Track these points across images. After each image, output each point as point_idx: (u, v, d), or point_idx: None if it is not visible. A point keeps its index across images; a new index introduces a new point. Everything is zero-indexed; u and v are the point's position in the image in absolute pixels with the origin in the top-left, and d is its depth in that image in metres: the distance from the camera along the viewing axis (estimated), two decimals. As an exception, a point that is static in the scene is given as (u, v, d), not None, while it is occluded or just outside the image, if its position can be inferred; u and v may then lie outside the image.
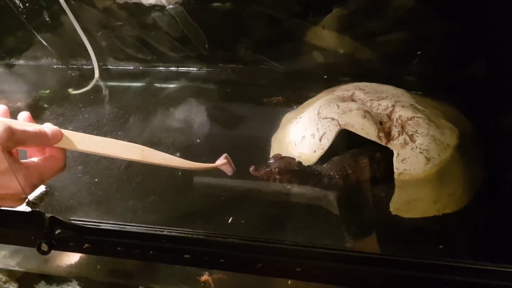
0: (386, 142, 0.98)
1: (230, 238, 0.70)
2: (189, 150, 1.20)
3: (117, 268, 1.01)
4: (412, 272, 0.63)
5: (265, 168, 0.96)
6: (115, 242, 0.74)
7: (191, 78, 1.54)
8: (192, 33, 1.45)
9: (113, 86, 1.57)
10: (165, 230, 0.72)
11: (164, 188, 1.07)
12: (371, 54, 1.37)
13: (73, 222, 0.74)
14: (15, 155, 0.77)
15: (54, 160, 0.79)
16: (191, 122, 1.33)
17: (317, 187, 1.00)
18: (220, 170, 0.94)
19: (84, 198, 1.05)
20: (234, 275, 0.98)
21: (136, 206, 1.01)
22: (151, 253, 0.74)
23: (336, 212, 0.97)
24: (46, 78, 1.61)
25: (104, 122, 1.34)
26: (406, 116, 1.01)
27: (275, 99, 1.38)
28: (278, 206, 1.00)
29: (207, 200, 1.03)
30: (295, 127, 1.14)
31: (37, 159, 0.79)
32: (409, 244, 0.89)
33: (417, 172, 0.95)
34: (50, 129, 0.77)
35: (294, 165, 0.98)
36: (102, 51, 1.58)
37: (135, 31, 1.51)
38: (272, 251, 0.68)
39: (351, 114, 1.02)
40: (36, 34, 1.56)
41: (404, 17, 1.30)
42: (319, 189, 1.00)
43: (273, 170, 0.96)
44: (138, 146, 0.82)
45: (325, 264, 0.64)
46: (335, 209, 0.98)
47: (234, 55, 1.50)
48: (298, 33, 1.40)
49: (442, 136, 0.99)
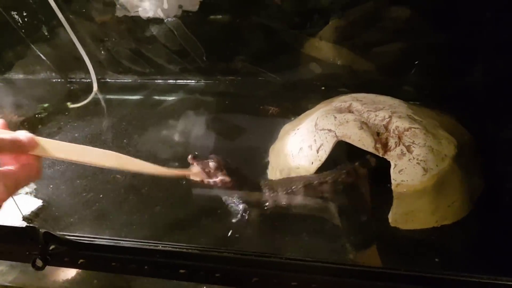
0: (383, 153, 0.97)
1: (225, 252, 0.69)
2: (187, 162, 1.19)
3: (115, 282, 1.01)
4: (410, 286, 0.62)
5: (202, 160, 0.93)
6: (110, 257, 0.74)
7: (189, 91, 1.55)
8: (190, 45, 1.46)
9: (111, 99, 1.58)
10: (159, 245, 0.71)
11: (162, 201, 1.07)
12: (368, 64, 1.38)
13: (67, 238, 0.73)
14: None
15: (30, 168, 0.78)
16: (189, 134, 1.33)
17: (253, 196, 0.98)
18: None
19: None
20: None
21: (132, 220, 1.01)
22: (146, 268, 0.73)
23: (332, 224, 0.97)
24: (45, 92, 1.62)
25: (103, 135, 1.34)
26: (403, 127, 1.00)
27: (271, 109, 1.38)
28: (275, 219, 1.00)
29: (203, 213, 1.03)
30: (293, 139, 1.14)
31: (12, 166, 0.78)
32: (408, 257, 0.88)
33: (415, 183, 0.95)
34: (26, 136, 0.77)
35: (230, 164, 0.95)
36: (101, 64, 1.59)
37: (133, 44, 1.52)
38: (267, 265, 0.67)
39: (348, 126, 1.01)
40: (35, 49, 1.57)
41: (401, 27, 1.31)
42: (317, 201, 0.99)
43: (209, 163, 0.92)
44: (114, 153, 0.81)
45: (321, 278, 0.64)
46: (331, 220, 0.98)
47: (232, 67, 1.51)
48: (296, 45, 1.41)
49: (439, 146, 0.99)
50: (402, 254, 0.90)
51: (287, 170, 1.09)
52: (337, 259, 0.86)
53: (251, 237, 0.95)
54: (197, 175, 0.93)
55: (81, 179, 1.16)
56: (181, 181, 1.08)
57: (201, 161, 0.93)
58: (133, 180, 1.13)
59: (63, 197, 1.10)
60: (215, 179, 0.93)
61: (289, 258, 0.66)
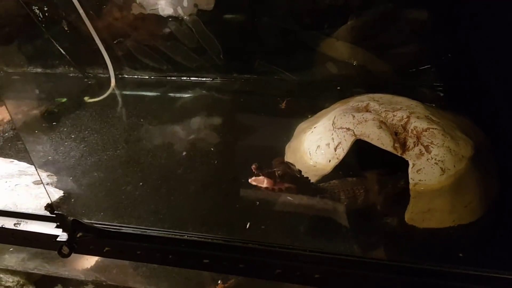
0: (402, 152, 0.99)
1: (250, 243, 0.71)
2: (202, 158, 1.21)
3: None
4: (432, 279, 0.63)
5: (267, 169, 0.93)
6: (135, 245, 0.75)
7: (205, 88, 1.56)
8: (207, 43, 1.47)
9: (128, 95, 1.60)
10: (185, 235, 0.73)
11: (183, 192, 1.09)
12: (384, 65, 1.39)
13: (94, 225, 0.75)
14: None
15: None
16: (205, 131, 1.34)
17: (314, 202, 0.99)
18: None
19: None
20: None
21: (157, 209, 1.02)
22: (171, 257, 0.75)
23: (348, 224, 0.98)
24: (62, 86, 1.64)
25: (119, 130, 1.36)
26: (421, 127, 1.01)
27: (282, 103, 1.41)
28: (297, 216, 1.00)
29: (224, 207, 1.04)
30: (310, 137, 1.15)
31: None
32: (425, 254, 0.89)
33: (432, 183, 0.96)
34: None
35: (295, 171, 0.96)
36: (118, 60, 1.60)
37: (152, 41, 1.54)
38: (291, 257, 0.68)
39: (366, 124, 1.03)
40: (55, 43, 1.58)
41: (418, 29, 1.31)
42: (332, 201, 1.00)
43: (275, 173, 0.92)
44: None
45: (345, 271, 0.65)
46: (345, 221, 0.99)
47: (249, 65, 1.52)
48: (312, 44, 1.42)
49: (457, 147, 1.00)
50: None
51: (304, 167, 1.10)
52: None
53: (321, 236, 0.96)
54: (261, 182, 0.93)
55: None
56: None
57: (267, 171, 0.92)
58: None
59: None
60: (280, 187, 0.93)
61: (313, 251, 0.67)
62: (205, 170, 1.15)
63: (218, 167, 1.13)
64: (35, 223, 0.81)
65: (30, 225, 0.81)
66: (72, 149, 1.27)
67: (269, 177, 0.92)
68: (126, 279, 1.00)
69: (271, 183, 0.92)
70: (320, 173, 1.06)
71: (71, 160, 1.22)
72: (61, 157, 1.24)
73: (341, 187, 1.01)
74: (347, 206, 1.00)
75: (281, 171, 0.93)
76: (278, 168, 0.93)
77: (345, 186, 1.01)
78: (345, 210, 0.99)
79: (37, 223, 0.81)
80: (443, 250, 0.90)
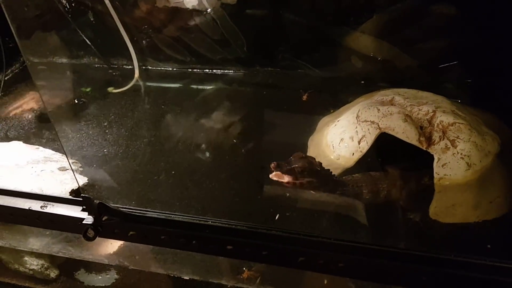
0: (427, 146, 0.98)
1: (273, 230, 0.71)
2: (225, 150, 1.22)
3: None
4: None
5: (286, 166, 0.93)
6: (160, 230, 0.76)
7: (228, 80, 1.56)
8: (232, 36, 1.47)
9: (151, 86, 1.61)
10: (209, 220, 0.73)
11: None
12: (410, 60, 1.37)
13: (120, 209, 0.76)
14: None
15: None
16: (227, 123, 1.34)
17: (337, 195, 0.98)
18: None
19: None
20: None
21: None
22: (194, 242, 0.75)
23: (370, 218, 0.97)
24: (87, 77, 1.66)
25: (142, 121, 1.37)
26: (448, 122, 1.00)
27: (304, 95, 1.41)
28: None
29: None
30: (333, 130, 1.14)
31: None
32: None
33: (458, 178, 0.95)
34: None
35: (316, 165, 0.95)
36: (142, 52, 1.62)
37: (176, 33, 1.55)
38: (315, 245, 0.68)
39: (391, 118, 1.02)
40: (81, 33, 1.60)
41: (444, 25, 1.30)
42: (354, 195, 1.00)
43: (295, 169, 0.92)
44: None
45: (370, 261, 0.65)
46: (367, 214, 0.98)
47: (272, 58, 1.52)
48: (337, 38, 1.41)
49: (483, 142, 0.98)
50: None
51: (327, 161, 1.10)
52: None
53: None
54: (281, 178, 0.93)
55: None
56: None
57: (286, 169, 0.93)
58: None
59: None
60: (301, 181, 0.93)
61: (337, 239, 0.67)
62: (228, 161, 1.16)
63: (241, 158, 1.14)
64: (62, 206, 0.82)
65: (56, 208, 0.82)
66: (96, 137, 1.29)
67: (289, 174, 0.92)
68: (149, 264, 1.01)
69: (291, 178, 0.92)
70: (343, 166, 1.06)
71: (96, 148, 1.23)
72: (85, 144, 1.26)
73: (364, 181, 1.00)
74: (369, 200, 0.99)
75: (300, 167, 0.93)
76: (297, 164, 0.93)
77: (368, 181, 1.00)
78: (367, 204, 0.99)
79: (63, 206, 0.82)
80: (469, 243, 0.89)
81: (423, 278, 0.63)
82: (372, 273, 0.67)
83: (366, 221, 0.95)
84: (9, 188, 0.88)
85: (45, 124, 1.40)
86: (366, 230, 0.92)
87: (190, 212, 0.99)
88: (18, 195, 0.86)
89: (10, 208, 0.85)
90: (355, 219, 0.96)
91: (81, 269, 1.19)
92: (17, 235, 1.14)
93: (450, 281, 0.62)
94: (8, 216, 0.87)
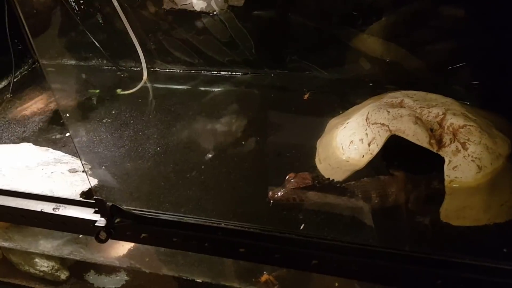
0: (437, 149, 0.98)
1: (286, 233, 0.71)
2: (233, 153, 1.22)
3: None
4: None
5: (281, 190, 0.93)
6: (172, 232, 0.76)
7: (236, 82, 1.57)
8: (240, 38, 1.48)
9: (160, 88, 1.61)
10: (222, 223, 0.73)
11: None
12: (418, 62, 1.37)
13: (133, 211, 0.76)
14: None
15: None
16: (235, 125, 1.35)
17: (345, 200, 0.98)
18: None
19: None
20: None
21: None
22: (207, 245, 0.75)
23: (379, 222, 0.96)
24: (96, 78, 1.67)
25: (151, 122, 1.38)
26: (458, 124, 1.00)
27: (308, 94, 1.42)
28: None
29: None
30: (343, 132, 1.14)
31: None
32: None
33: (468, 180, 0.95)
34: None
35: (308, 180, 0.95)
36: (150, 53, 1.62)
37: (184, 35, 1.55)
38: (329, 248, 0.68)
39: (402, 120, 1.02)
40: (89, 35, 1.61)
41: (453, 26, 1.30)
42: (363, 200, 0.99)
43: (288, 192, 0.93)
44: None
45: (383, 264, 0.65)
46: (376, 219, 0.97)
47: (280, 60, 1.52)
48: (345, 40, 1.41)
49: (494, 145, 0.98)
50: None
51: (336, 163, 1.10)
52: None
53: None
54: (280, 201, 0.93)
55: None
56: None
57: (280, 196, 0.93)
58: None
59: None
60: (300, 198, 0.94)
61: (352, 242, 0.67)
62: (237, 162, 1.16)
63: (250, 160, 1.14)
64: (74, 208, 0.83)
65: (68, 210, 0.83)
66: (105, 139, 1.29)
67: (285, 198, 0.93)
68: (160, 266, 1.01)
69: (289, 200, 0.93)
70: (353, 168, 1.05)
71: (105, 150, 1.24)
72: (94, 146, 1.26)
73: (373, 185, 1.00)
74: (378, 204, 0.99)
75: (291, 190, 0.93)
76: (289, 186, 0.94)
77: (376, 185, 1.00)
78: (376, 208, 0.98)
79: (75, 208, 0.83)
80: (481, 246, 0.88)
81: (438, 281, 0.63)
82: (386, 277, 0.67)
83: (376, 225, 0.94)
84: (21, 190, 0.88)
85: (54, 126, 1.41)
86: (376, 233, 0.92)
87: (202, 214, 0.99)
88: (30, 197, 0.86)
89: (22, 210, 0.86)
90: (365, 223, 0.96)
91: (91, 271, 1.19)
92: (28, 237, 1.15)
93: (466, 285, 0.62)
94: (19, 218, 0.88)
